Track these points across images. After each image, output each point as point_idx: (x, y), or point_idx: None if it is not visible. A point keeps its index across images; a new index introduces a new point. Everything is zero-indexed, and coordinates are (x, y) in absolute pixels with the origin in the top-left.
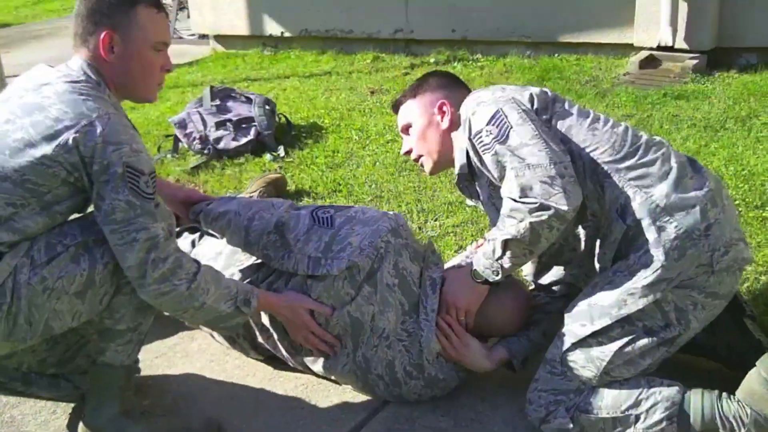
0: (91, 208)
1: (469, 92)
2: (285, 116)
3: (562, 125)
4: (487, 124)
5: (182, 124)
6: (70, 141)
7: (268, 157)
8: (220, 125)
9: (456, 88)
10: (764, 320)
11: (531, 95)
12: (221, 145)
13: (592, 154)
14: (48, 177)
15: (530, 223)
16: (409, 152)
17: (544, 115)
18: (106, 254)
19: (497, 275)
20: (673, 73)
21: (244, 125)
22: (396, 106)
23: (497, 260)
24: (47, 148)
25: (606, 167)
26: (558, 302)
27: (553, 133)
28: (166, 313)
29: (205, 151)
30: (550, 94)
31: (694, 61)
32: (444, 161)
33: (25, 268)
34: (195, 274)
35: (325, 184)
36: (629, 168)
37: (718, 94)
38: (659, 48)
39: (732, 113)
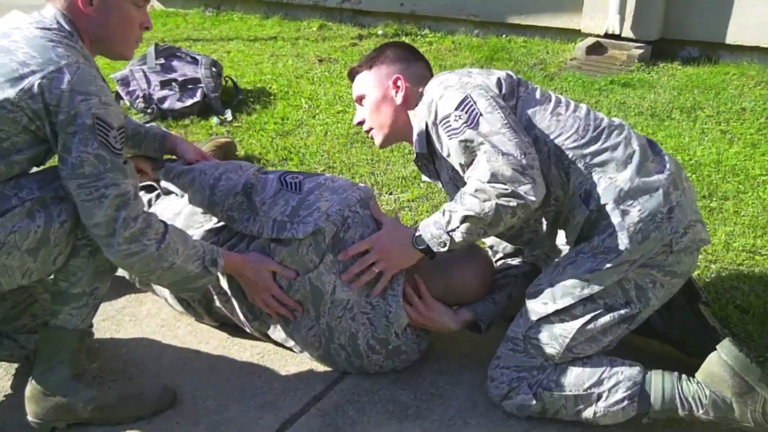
0: (50, 162)
1: (427, 67)
2: (232, 79)
3: (527, 111)
4: (456, 109)
5: (125, 82)
6: (35, 87)
7: (215, 120)
8: (164, 84)
9: (414, 63)
10: (714, 307)
11: (499, 80)
12: (166, 105)
13: (556, 141)
14: (8, 122)
15: (496, 204)
16: (361, 123)
17: (511, 100)
18: (64, 213)
19: (443, 247)
20: (619, 60)
21: (190, 86)
22: (351, 75)
23: (448, 232)
24: (10, 92)
25: (570, 153)
26: (523, 267)
27: (520, 122)
28: (127, 276)
29: (149, 111)
30: (514, 77)
31: (640, 51)
32: (395, 136)
33: None
34: (164, 234)
35: (276, 151)
36: (593, 153)
37: (663, 85)
38: (606, 35)
39: (677, 104)
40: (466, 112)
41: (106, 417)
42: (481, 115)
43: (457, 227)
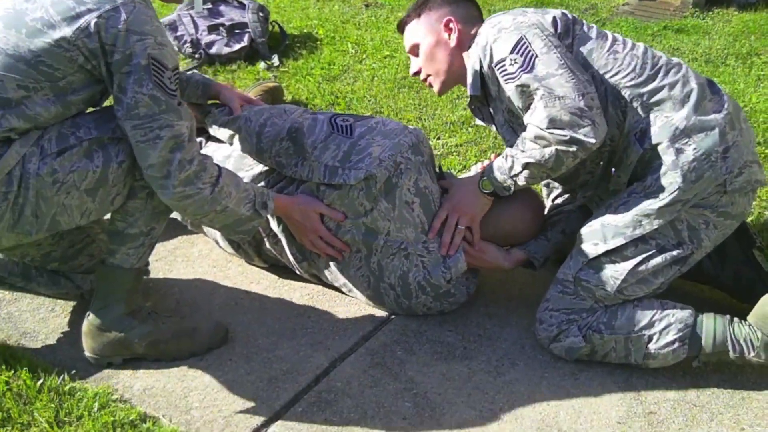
0: (107, 103)
1: (475, 6)
2: (279, 24)
3: (583, 49)
4: (511, 53)
5: (173, 26)
6: (92, 25)
7: (261, 65)
8: (212, 29)
9: (462, 3)
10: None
11: (554, 18)
12: (213, 50)
13: (613, 80)
14: (64, 61)
15: (556, 150)
16: (417, 73)
17: (566, 39)
18: (122, 153)
19: (507, 191)
20: (672, 6)
21: (237, 31)
22: (401, 27)
23: (512, 177)
24: (66, 31)
25: (628, 92)
26: (576, 202)
27: (576, 61)
28: (179, 217)
29: (197, 56)
30: (569, 16)
31: None
32: (453, 80)
33: (35, 158)
34: (218, 178)
35: (323, 96)
36: (651, 92)
37: (718, 30)
38: None
39: (732, 50)
40: (522, 55)
41: (161, 352)
42: (536, 56)
43: (520, 172)
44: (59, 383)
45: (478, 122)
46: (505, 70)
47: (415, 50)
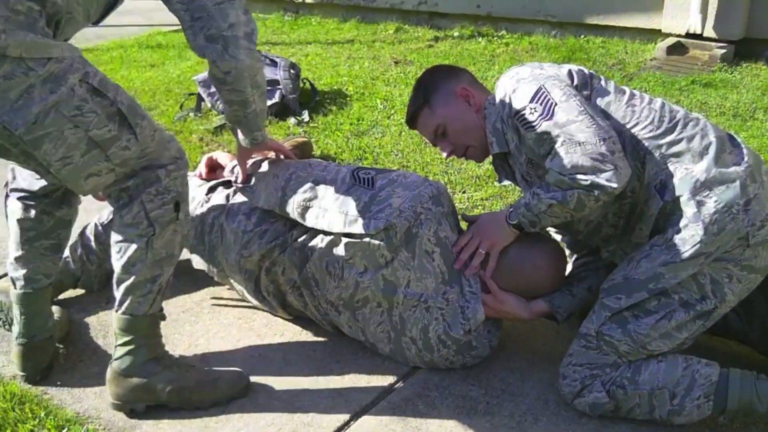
0: None
1: (469, 73)
2: (309, 81)
3: (601, 102)
4: (531, 102)
5: (206, 83)
6: None
7: (292, 120)
8: None
9: (459, 72)
10: None
11: (570, 71)
12: None
13: (632, 131)
14: None
15: (578, 194)
16: (452, 152)
17: (584, 91)
18: (132, 142)
19: (534, 227)
20: (700, 61)
21: (269, 88)
22: (413, 122)
23: (537, 215)
24: None
25: (647, 143)
26: (603, 261)
27: (596, 109)
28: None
29: None
30: (586, 71)
31: (722, 50)
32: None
33: (77, 74)
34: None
35: (351, 151)
36: (669, 144)
37: (747, 85)
38: (687, 35)
39: (761, 104)
40: (541, 104)
41: (184, 400)
42: (556, 104)
43: (545, 211)
44: None
45: (503, 182)
46: (525, 119)
47: (440, 132)
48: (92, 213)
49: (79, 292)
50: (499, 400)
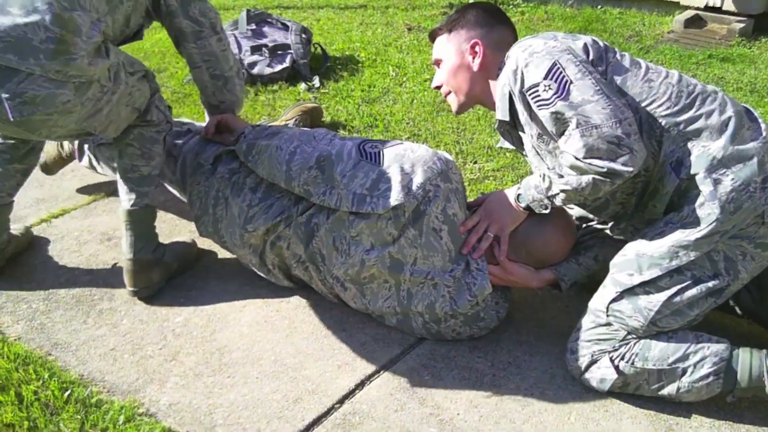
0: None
1: (511, 31)
2: (321, 46)
3: (617, 77)
4: (545, 78)
5: None
6: None
7: (302, 86)
8: (255, 50)
9: (496, 27)
10: None
11: (585, 45)
12: (255, 71)
13: (648, 108)
14: None
15: (593, 178)
16: (439, 87)
17: (600, 66)
18: (148, 90)
19: (544, 209)
20: (718, 35)
21: (279, 52)
22: (432, 36)
23: (549, 198)
24: None
25: (663, 121)
26: (608, 230)
27: (611, 86)
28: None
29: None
30: (601, 44)
31: (741, 25)
32: (471, 103)
33: (124, 69)
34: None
35: (361, 118)
36: (687, 121)
37: (765, 60)
38: (706, 8)
39: None
40: (556, 81)
41: (187, 266)
42: (571, 82)
43: (557, 195)
44: (86, 395)
45: (503, 144)
46: (539, 96)
47: (439, 63)
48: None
49: (84, 259)
50: (505, 372)
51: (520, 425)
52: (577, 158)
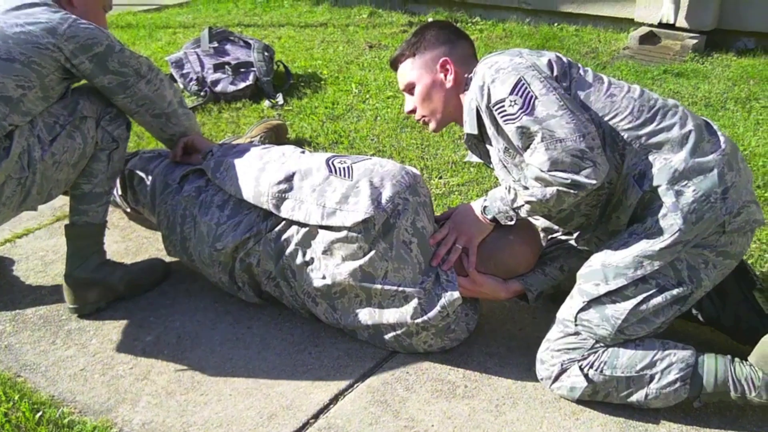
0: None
1: (470, 44)
2: (284, 64)
3: (581, 93)
4: (510, 93)
5: (179, 64)
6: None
7: (266, 103)
8: (218, 68)
9: (457, 42)
10: None
11: (550, 61)
12: (219, 88)
13: (611, 122)
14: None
15: (557, 191)
16: (412, 111)
17: (564, 81)
18: (90, 129)
19: (510, 221)
20: (672, 51)
21: (242, 70)
22: (394, 64)
23: (514, 209)
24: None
25: (626, 135)
26: (573, 240)
27: (575, 102)
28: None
29: (202, 93)
30: (565, 60)
31: (694, 41)
32: (449, 120)
33: (37, 147)
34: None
35: (326, 134)
36: (649, 134)
37: (718, 75)
38: (660, 25)
39: (731, 94)
40: (521, 96)
41: (135, 288)
42: (536, 98)
43: (521, 206)
44: (58, 416)
45: (471, 158)
46: (505, 111)
47: (410, 89)
48: None
49: (50, 278)
50: (477, 384)
51: None
52: (542, 170)
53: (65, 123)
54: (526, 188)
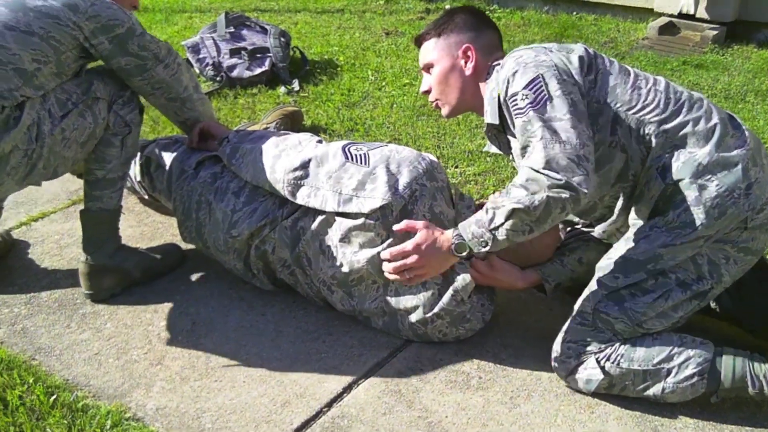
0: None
1: (497, 35)
2: (300, 50)
3: (607, 85)
4: (524, 88)
5: (195, 49)
6: None
7: (282, 89)
8: (234, 53)
9: (484, 31)
10: None
11: (581, 57)
12: (235, 74)
13: (637, 115)
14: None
15: (547, 197)
16: (427, 92)
17: (590, 75)
18: (102, 111)
19: (484, 247)
20: (692, 42)
21: (258, 55)
22: (418, 41)
23: (491, 230)
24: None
25: (652, 127)
26: (593, 233)
27: (584, 113)
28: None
29: (218, 78)
30: (591, 51)
31: (714, 32)
32: (462, 107)
33: (47, 121)
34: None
35: (342, 122)
36: (675, 128)
37: (738, 67)
38: (679, 15)
39: (752, 87)
40: (534, 92)
41: (152, 275)
42: (548, 98)
43: (502, 224)
44: (72, 400)
45: (490, 149)
46: (516, 104)
47: (428, 68)
48: None
49: (66, 262)
50: (492, 375)
51: (507, 427)
52: (535, 169)
53: (78, 101)
54: (510, 197)
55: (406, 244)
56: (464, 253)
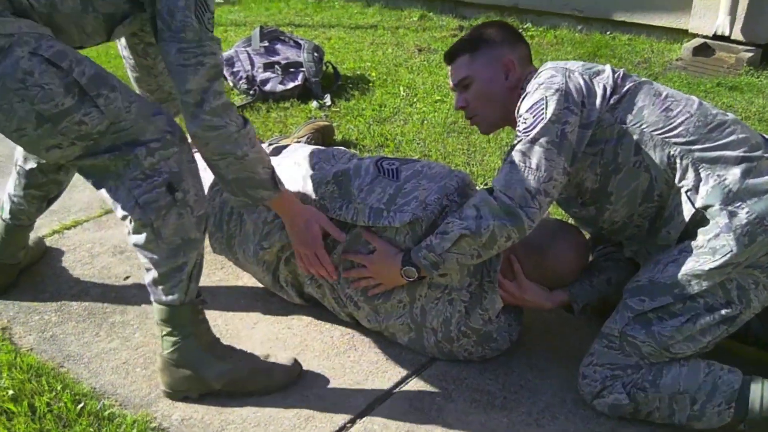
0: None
1: (528, 47)
2: (332, 65)
3: (635, 105)
4: (527, 111)
5: (230, 62)
6: None
7: (314, 104)
8: (267, 67)
9: (517, 44)
10: None
11: (605, 77)
12: (268, 87)
13: (665, 137)
14: None
15: (493, 225)
16: (464, 107)
17: (615, 95)
18: (88, 117)
19: (435, 269)
20: (726, 63)
21: (292, 69)
22: (450, 58)
23: (440, 254)
24: None
25: (678, 149)
26: (623, 254)
27: (571, 149)
28: (199, 155)
29: (251, 92)
30: (617, 71)
31: (749, 54)
32: (502, 121)
33: (25, 47)
34: (245, 123)
35: (372, 137)
36: (704, 150)
37: None
38: (714, 37)
39: None
40: (533, 116)
41: (238, 389)
42: (542, 119)
43: (450, 248)
44: (99, 408)
45: None
46: (518, 126)
47: (464, 85)
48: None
49: (96, 271)
50: (516, 395)
51: None
52: (491, 190)
53: (77, 76)
54: (460, 220)
55: (365, 258)
56: (413, 278)
